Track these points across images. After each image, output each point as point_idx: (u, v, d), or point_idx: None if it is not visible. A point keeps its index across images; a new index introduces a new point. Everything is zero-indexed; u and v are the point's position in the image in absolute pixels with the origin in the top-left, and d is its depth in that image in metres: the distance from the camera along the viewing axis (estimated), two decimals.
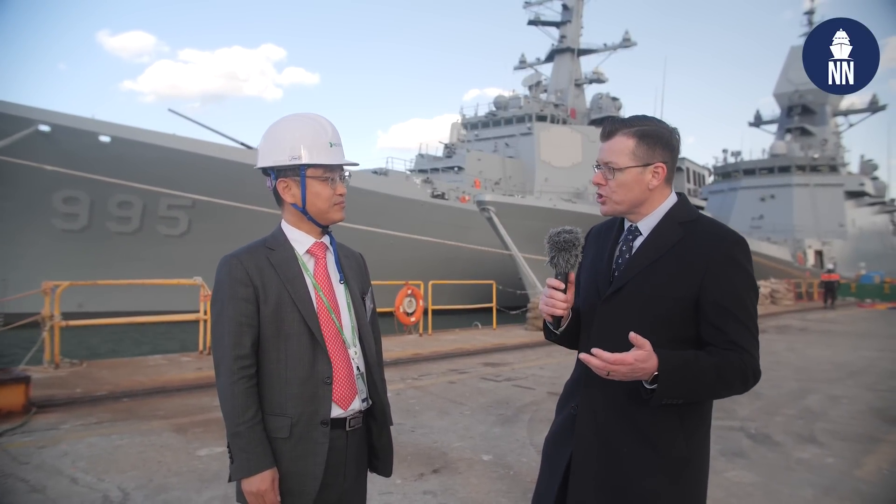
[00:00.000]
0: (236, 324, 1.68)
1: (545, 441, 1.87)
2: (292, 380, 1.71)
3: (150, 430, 5.00)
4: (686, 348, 1.63)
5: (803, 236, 40.96)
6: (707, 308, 1.61)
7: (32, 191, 16.62)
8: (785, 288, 25.41)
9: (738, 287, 1.61)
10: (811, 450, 4.99)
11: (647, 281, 1.66)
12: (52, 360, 7.38)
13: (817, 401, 6.87)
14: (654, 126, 1.70)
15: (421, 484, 4.05)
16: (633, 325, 1.62)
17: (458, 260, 21.58)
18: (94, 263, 17.30)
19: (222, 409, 1.68)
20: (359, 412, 1.83)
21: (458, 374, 8.06)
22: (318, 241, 1.85)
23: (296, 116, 1.83)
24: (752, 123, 54.30)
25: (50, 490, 3.76)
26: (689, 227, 1.68)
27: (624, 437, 1.64)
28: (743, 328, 1.59)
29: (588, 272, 1.83)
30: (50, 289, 7.44)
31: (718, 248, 1.62)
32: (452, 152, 33.24)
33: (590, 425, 1.69)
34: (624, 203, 1.71)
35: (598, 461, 1.66)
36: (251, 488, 1.64)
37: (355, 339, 1.84)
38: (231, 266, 1.72)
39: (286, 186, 1.79)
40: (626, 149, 1.68)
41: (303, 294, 1.75)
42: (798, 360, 10.10)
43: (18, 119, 15.57)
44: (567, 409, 1.78)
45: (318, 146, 1.77)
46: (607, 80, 40.27)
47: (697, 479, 1.68)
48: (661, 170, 1.69)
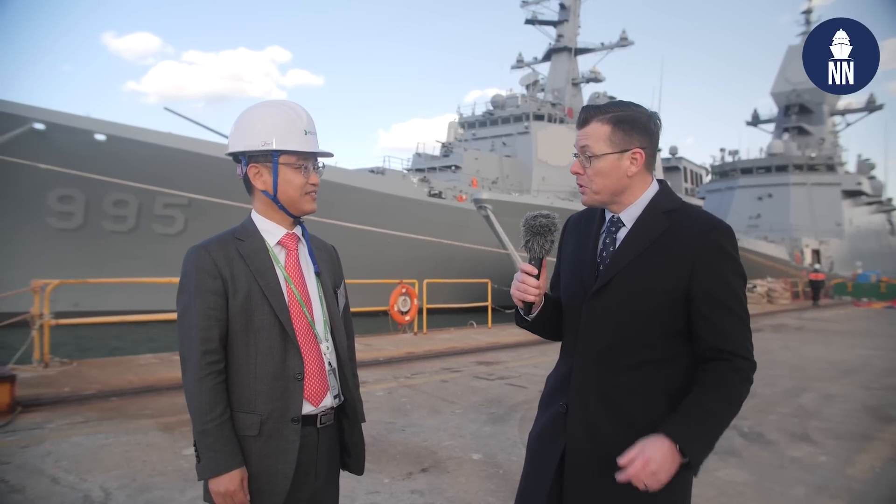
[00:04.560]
0: (204, 317, 1.62)
1: (530, 438, 1.81)
2: (262, 375, 1.66)
3: (136, 430, 4.94)
4: (677, 341, 1.60)
5: (800, 235, 41.02)
6: (698, 299, 1.57)
7: (27, 189, 16.49)
8: (782, 287, 25.48)
9: (728, 276, 1.58)
10: (804, 448, 4.95)
11: (635, 274, 1.61)
12: (41, 359, 7.32)
13: (812, 399, 6.83)
14: (631, 111, 1.65)
15: (409, 483, 4.00)
16: (623, 320, 1.59)
17: (455, 259, 21.53)
18: (89, 262, 17.21)
19: (189, 407, 1.63)
20: (330, 409, 1.78)
21: (451, 373, 8.01)
22: (289, 232, 1.80)
23: (270, 102, 1.78)
24: (750, 122, 54.41)
25: (30, 490, 3.70)
26: (673, 216, 1.64)
27: (617, 434, 1.59)
28: (735, 318, 1.57)
29: (570, 266, 1.77)
30: (39, 287, 7.37)
31: (706, 237, 1.58)
32: (450, 151, 33.18)
33: (581, 422, 1.64)
34: (603, 192, 1.66)
35: (591, 458, 1.61)
36: (219, 488, 1.59)
37: (327, 334, 1.79)
38: (198, 256, 1.66)
39: (257, 172, 1.74)
40: (602, 135, 1.63)
41: (274, 286, 1.70)
42: (793, 358, 10.06)
43: (13, 117, 15.44)
44: (555, 407, 1.72)
45: (293, 133, 1.72)
46: (604, 79, 40.30)
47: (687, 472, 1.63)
48: (639, 156, 1.64)
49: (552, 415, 1.72)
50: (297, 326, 1.71)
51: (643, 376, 1.60)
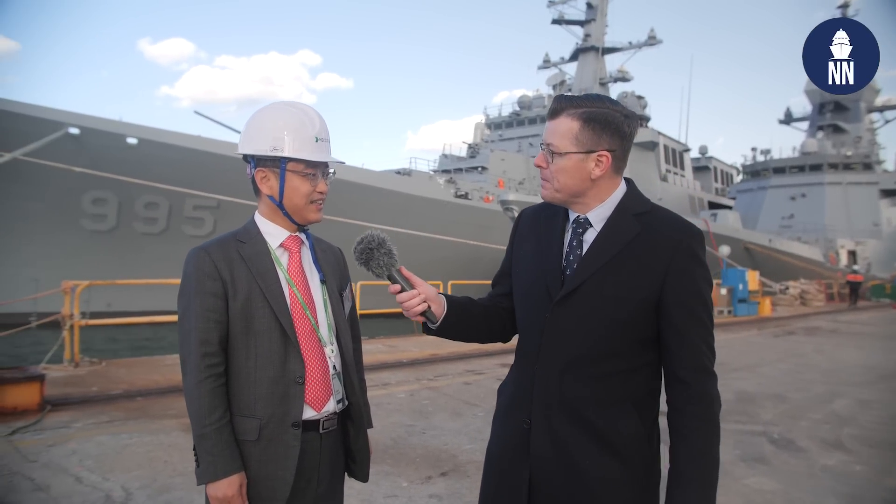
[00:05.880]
0: (203, 319, 1.60)
1: (490, 457, 1.69)
2: (262, 379, 1.63)
3: (159, 430, 5.00)
4: (645, 350, 1.54)
5: (836, 236, 40.00)
6: (671, 308, 1.51)
7: (62, 192, 16.91)
8: (815, 289, 24.85)
9: (700, 283, 1.54)
10: (837, 456, 4.79)
11: (606, 281, 1.52)
12: (71, 358, 7.46)
13: (846, 405, 6.62)
14: (605, 109, 1.52)
15: (427, 487, 3.96)
16: (592, 328, 1.51)
17: (481, 260, 21.43)
18: (121, 263, 17.55)
19: (188, 410, 1.61)
20: (333, 414, 1.74)
21: (474, 375, 7.96)
22: (292, 235, 1.76)
23: (283, 104, 1.73)
24: (783, 121, 53.26)
25: (53, 489, 3.75)
26: (644, 219, 1.55)
27: (585, 446, 1.51)
28: (702, 329, 1.53)
29: (530, 268, 1.64)
30: (69, 288, 7.51)
31: (679, 243, 1.51)
32: (476, 152, 33.13)
33: (546, 437, 1.54)
34: (563, 191, 1.56)
35: (560, 474, 1.53)
36: (217, 493, 1.57)
37: (332, 337, 1.75)
38: (198, 259, 1.64)
39: (264, 177, 1.70)
40: (570, 132, 1.52)
41: (275, 289, 1.67)
42: (826, 362, 9.78)
43: (49, 122, 15.86)
44: (515, 422, 1.61)
45: (303, 140, 1.67)
46: (632, 78, 39.85)
47: (658, 478, 1.57)
48: (605, 159, 1.52)
49: (513, 431, 1.61)
50: (299, 329, 1.68)
51: (609, 386, 1.53)
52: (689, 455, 1.48)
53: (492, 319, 1.80)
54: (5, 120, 15.38)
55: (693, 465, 1.48)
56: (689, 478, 1.47)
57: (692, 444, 1.49)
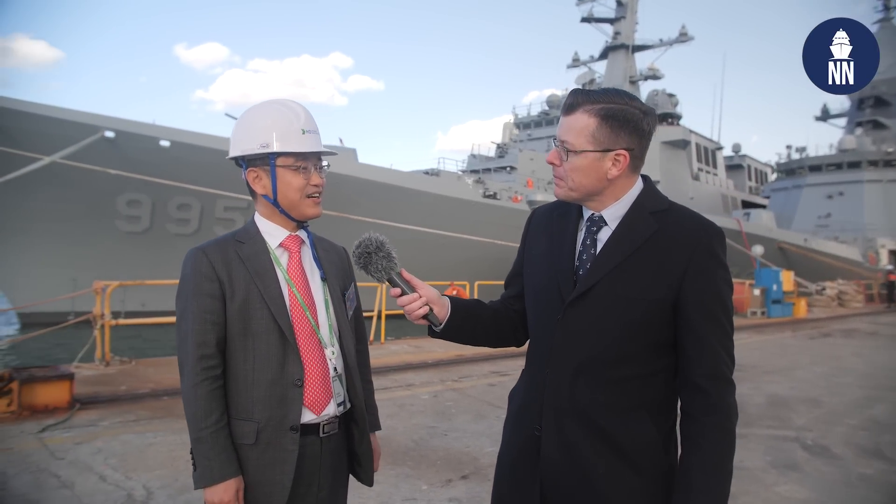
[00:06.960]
0: (201, 321, 1.58)
1: (501, 464, 1.65)
2: (260, 381, 1.60)
3: (183, 429, 4.98)
4: (661, 354, 1.46)
5: (875, 235, 38.81)
6: (689, 310, 1.43)
7: (98, 194, 17.33)
8: (854, 289, 24.10)
9: (720, 285, 1.45)
10: (876, 465, 4.61)
11: (621, 281, 1.44)
12: (102, 357, 7.60)
13: (885, 411, 6.38)
14: (624, 105, 1.45)
15: (448, 491, 3.92)
16: (606, 330, 1.44)
17: (509, 260, 20.94)
18: (155, 263, 17.89)
19: (185, 413, 1.59)
20: (334, 417, 1.70)
21: (499, 377, 7.90)
22: (292, 234, 1.74)
23: (266, 102, 1.72)
24: (819, 118, 51.84)
25: (78, 487, 3.80)
26: (662, 217, 1.48)
27: (598, 454, 1.45)
28: (721, 333, 1.45)
29: (541, 269, 1.59)
30: (100, 288, 7.65)
31: (699, 241, 1.44)
32: (504, 152, 32.94)
33: (558, 445, 1.48)
34: (578, 191, 1.50)
35: (572, 483, 1.47)
36: (214, 498, 1.54)
37: (333, 339, 1.72)
38: (196, 259, 1.62)
39: (256, 177, 1.69)
40: (586, 129, 1.45)
41: (273, 290, 1.64)
42: (864, 366, 9.47)
43: (85, 126, 16.29)
44: (526, 429, 1.55)
45: (289, 133, 1.66)
46: (663, 76, 39.26)
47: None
48: (622, 158, 1.45)
49: (524, 437, 1.55)
50: (298, 331, 1.65)
51: (623, 392, 1.46)
52: (701, 467, 1.41)
53: (501, 322, 1.74)
54: (44, 125, 15.86)
55: (705, 477, 1.41)
56: (699, 489, 1.40)
57: (706, 455, 1.41)
